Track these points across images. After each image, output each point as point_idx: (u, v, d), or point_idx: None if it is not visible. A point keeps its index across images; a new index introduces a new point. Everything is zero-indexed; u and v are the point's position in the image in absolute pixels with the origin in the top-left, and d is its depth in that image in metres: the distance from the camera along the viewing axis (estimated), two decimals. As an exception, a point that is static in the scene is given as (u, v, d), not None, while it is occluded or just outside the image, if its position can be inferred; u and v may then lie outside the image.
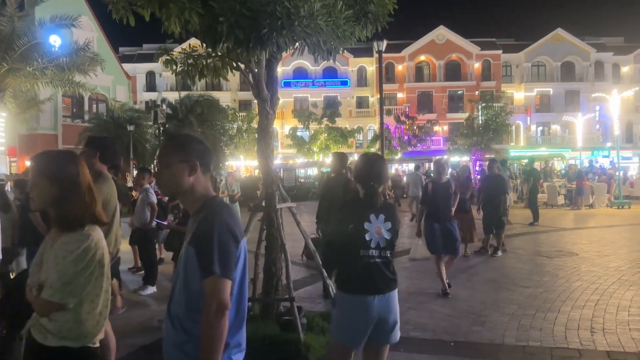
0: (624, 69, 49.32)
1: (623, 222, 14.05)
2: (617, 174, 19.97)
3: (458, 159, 42.24)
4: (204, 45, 4.72)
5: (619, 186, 18.74)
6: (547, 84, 49.84)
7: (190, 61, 5.29)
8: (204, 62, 5.32)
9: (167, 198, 8.13)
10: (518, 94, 50.82)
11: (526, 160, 21.43)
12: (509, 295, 6.14)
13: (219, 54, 5.22)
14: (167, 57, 5.03)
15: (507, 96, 48.72)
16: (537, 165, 45.71)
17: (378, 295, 2.72)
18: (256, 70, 5.01)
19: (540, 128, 50.63)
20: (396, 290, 2.82)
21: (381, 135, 10.86)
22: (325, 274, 5.28)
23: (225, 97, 43.63)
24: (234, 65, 5.22)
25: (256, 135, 5.41)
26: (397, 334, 2.83)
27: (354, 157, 40.84)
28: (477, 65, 47.68)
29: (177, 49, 5.37)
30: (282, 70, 46.11)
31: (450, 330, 4.84)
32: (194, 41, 5.00)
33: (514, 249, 9.52)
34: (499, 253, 8.94)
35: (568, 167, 25.29)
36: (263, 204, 5.16)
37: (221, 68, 5.38)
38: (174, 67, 5.14)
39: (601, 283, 6.61)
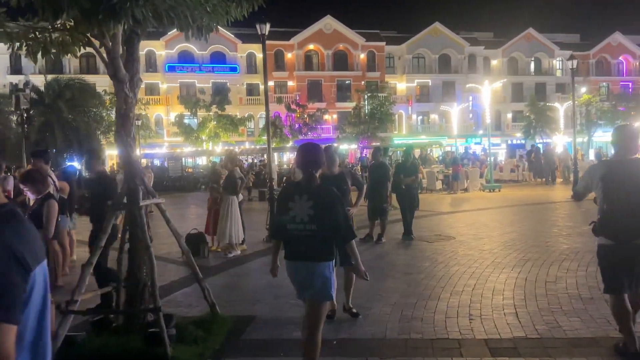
0: (494, 62, 53.63)
1: (494, 204, 15.11)
2: (488, 159, 21.57)
3: (347, 146, 43.35)
4: (43, 16, 3.95)
5: (490, 171, 20.26)
6: (426, 76, 52.64)
7: (31, 35, 4.50)
8: (49, 37, 4.54)
9: None
10: (400, 84, 53.06)
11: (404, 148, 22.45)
12: (392, 284, 6.11)
13: (67, 27, 4.50)
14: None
15: (390, 87, 50.74)
16: (417, 152, 48.28)
17: (301, 261, 3.31)
18: (111, 45, 4.33)
19: (421, 117, 53.45)
20: (323, 261, 3.28)
21: (267, 122, 10.47)
22: (200, 275, 4.81)
23: (102, 81, 40.25)
24: (85, 40, 4.51)
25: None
26: (323, 294, 3.31)
27: (245, 145, 40.09)
28: (362, 55, 48.95)
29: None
30: (165, 53, 43.72)
31: (333, 326, 4.61)
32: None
33: (396, 234, 9.67)
34: (383, 240, 9.03)
35: (445, 154, 26.89)
36: (125, 200, 4.53)
37: (70, 43, 4.64)
38: (10, 43, 4.34)
39: (477, 267, 6.85)
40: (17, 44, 4.39)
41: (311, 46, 47.75)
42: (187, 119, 36.56)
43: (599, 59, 53.91)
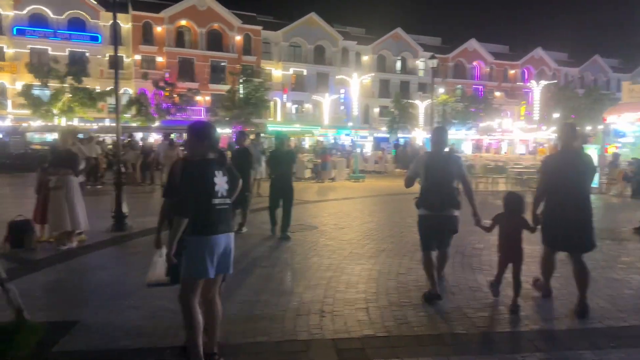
0: (365, 58, 55.74)
1: (358, 194, 15.49)
2: (355, 150, 22.19)
3: (220, 130, 42.06)
4: None
5: (356, 162, 20.85)
6: (302, 65, 53.04)
7: None
8: None
9: None
10: (276, 71, 52.83)
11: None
12: (246, 279, 5.70)
13: None
14: None
15: (266, 72, 50.27)
16: (293, 140, 48.47)
17: (224, 234, 3.52)
18: None
19: (296, 106, 53.84)
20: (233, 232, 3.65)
21: (117, 99, 9.36)
22: (3, 274, 3.94)
23: None
24: None
25: None
26: (231, 267, 3.69)
27: (105, 123, 36.79)
28: (238, 38, 47.75)
29: None
30: (14, 14, 38.44)
31: (174, 333, 4.05)
32: None
33: (259, 223, 9.31)
34: (244, 230, 8.60)
35: (315, 143, 27.23)
36: None
37: None
38: None
39: (335, 257, 6.73)
40: None
41: (183, 22, 45.29)
42: (37, 90, 32.49)
43: (456, 63, 58.80)
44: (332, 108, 51.12)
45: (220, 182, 3.49)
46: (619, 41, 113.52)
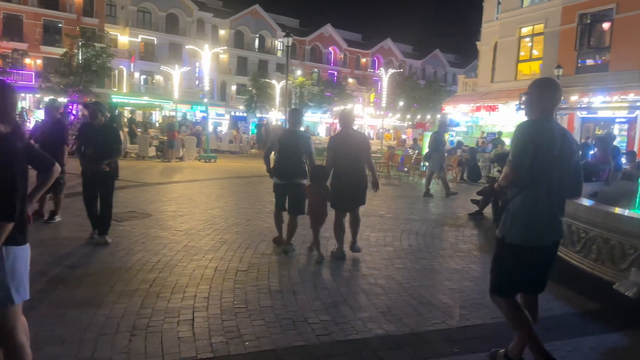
0: (222, 32, 53.66)
1: (206, 176, 14.45)
2: (207, 128, 20.93)
3: (53, 98, 37.21)
4: None
5: (207, 140, 19.65)
6: (152, 33, 49.36)
7: None
8: None
9: None
10: (122, 37, 48.49)
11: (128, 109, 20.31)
12: (44, 287, 4.53)
13: None
14: None
15: (110, 38, 45.85)
16: (138, 114, 44.91)
17: None
18: None
19: (144, 76, 50.07)
20: None
21: None
22: None
23: None
24: None
25: None
26: None
27: None
28: (78, -5, 42.65)
29: None
30: None
31: None
32: None
33: (78, 210, 7.88)
34: (56, 219, 7.19)
35: (163, 119, 25.31)
36: None
37: None
38: None
39: (165, 253, 5.80)
40: None
41: (7, -30, 38.99)
42: None
43: (313, 47, 59.60)
44: (187, 82, 48.43)
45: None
46: (455, 39, 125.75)
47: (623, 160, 11.34)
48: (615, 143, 12.95)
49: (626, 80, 20.36)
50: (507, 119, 27.77)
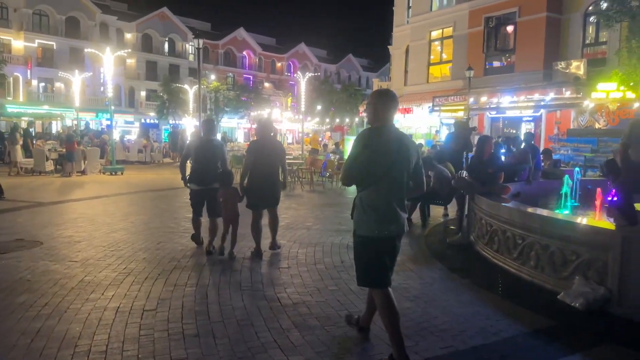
0: (128, 36, 50.87)
1: (112, 191, 13.11)
2: (112, 137, 19.28)
3: None
4: None
5: (113, 151, 18.07)
6: (50, 37, 45.77)
7: None
8: None
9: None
10: (17, 42, 44.53)
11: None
12: None
13: None
14: None
15: (3, 43, 41.99)
16: (38, 125, 41.37)
17: None
18: None
19: (43, 84, 46.28)
20: None
21: None
22: None
23: None
24: None
25: None
26: None
27: None
28: (-42, -6, 38.43)
29: None
30: None
31: None
32: None
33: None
34: None
35: (63, 129, 23.18)
36: None
37: None
38: None
39: (56, 292, 4.80)
40: None
41: None
42: None
43: (226, 50, 58.16)
44: (91, 89, 45.35)
45: None
46: (368, 43, 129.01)
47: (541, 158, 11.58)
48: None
49: (531, 80, 21.42)
50: (421, 121, 28.45)
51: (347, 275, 5.54)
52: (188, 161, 6.91)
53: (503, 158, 10.70)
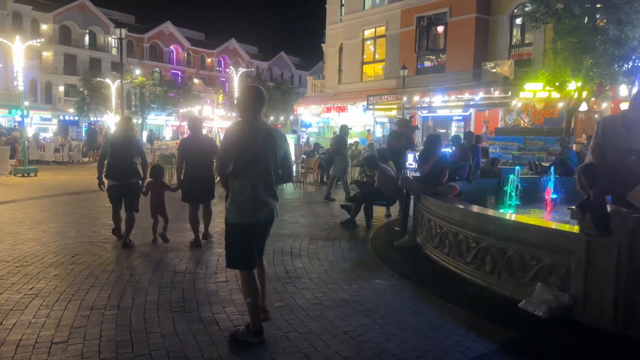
0: (44, 27, 47.32)
1: (22, 195, 11.75)
2: (24, 135, 17.53)
3: None
4: None
5: (24, 150, 16.39)
6: (-48, 25, 41.64)
7: None
8: None
9: None
10: None
11: None
12: None
13: None
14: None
15: None
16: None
17: None
18: None
19: (-56, 76, 42.07)
20: None
21: None
22: None
23: None
24: None
25: None
26: None
27: None
28: None
29: None
30: None
31: None
32: None
33: None
34: None
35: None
36: None
37: None
38: None
39: (-64, 326, 3.90)
40: None
41: None
42: None
43: (152, 44, 55.64)
44: (4, 83, 41.78)
45: None
46: (300, 40, 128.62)
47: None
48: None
49: (461, 80, 21.88)
50: (356, 119, 28.42)
51: (294, 288, 5.01)
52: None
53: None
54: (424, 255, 6.44)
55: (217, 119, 44.49)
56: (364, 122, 28.76)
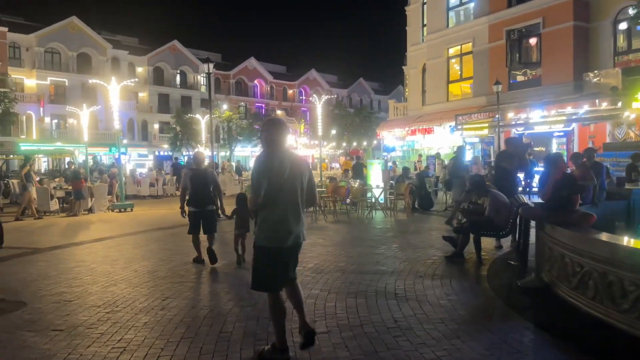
0: (139, 70, 50.84)
1: (118, 231, 11.96)
2: (121, 172, 18.29)
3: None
4: None
5: (121, 186, 17.04)
6: (62, 74, 45.97)
7: None
8: None
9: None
10: (29, 80, 44.75)
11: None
12: None
13: None
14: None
15: (16, 82, 42.11)
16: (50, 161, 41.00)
17: None
18: None
19: (56, 120, 46.25)
20: None
21: None
22: None
23: None
24: None
25: None
26: None
27: None
28: (-29, 37, 38.75)
29: None
30: None
31: None
32: None
33: None
34: None
35: (69, 164, 22.35)
36: None
37: None
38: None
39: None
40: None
41: None
42: None
43: (237, 80, 57.93)
44: (104, 124, 45.12)
45: None
46: (377, 67, 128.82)
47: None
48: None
49: (560, 93, 20.12)
50: (443, 141, 27.15)
51: (408, 344, 4.20)
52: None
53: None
54: (558, 297, 5.38)
55: (300, 148, 44.89)
56: (451, 143, 27.42)
